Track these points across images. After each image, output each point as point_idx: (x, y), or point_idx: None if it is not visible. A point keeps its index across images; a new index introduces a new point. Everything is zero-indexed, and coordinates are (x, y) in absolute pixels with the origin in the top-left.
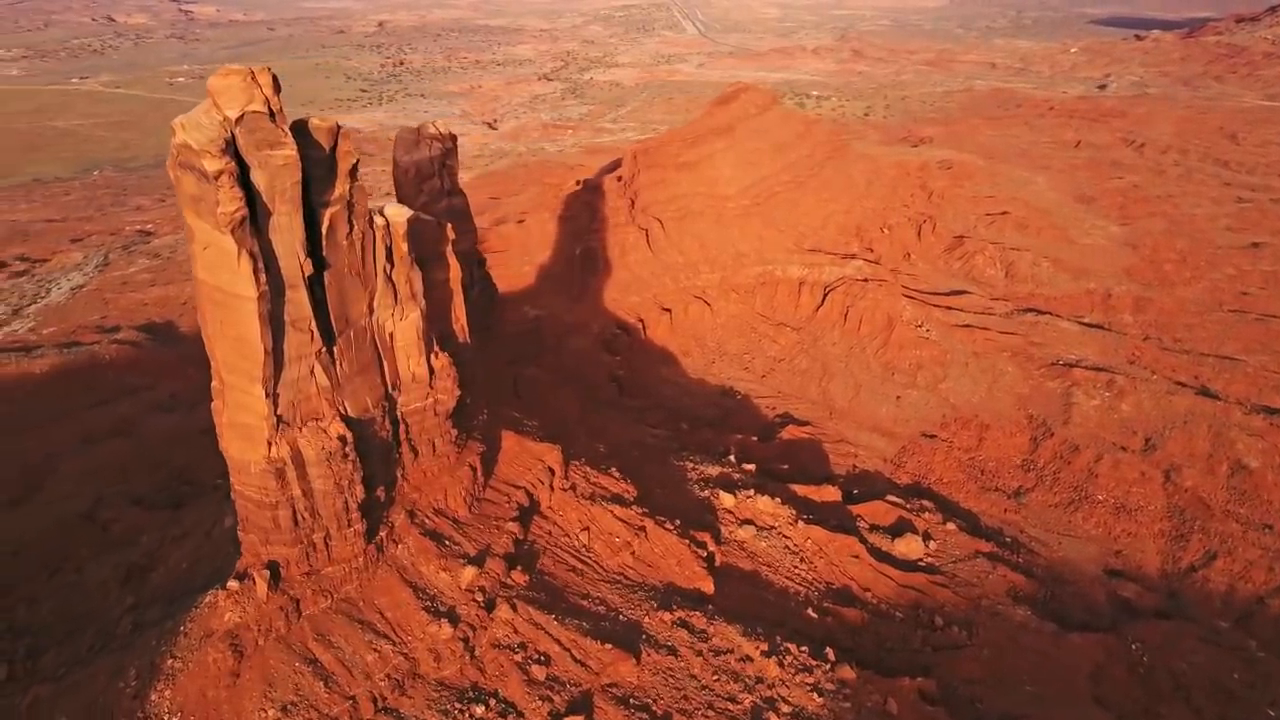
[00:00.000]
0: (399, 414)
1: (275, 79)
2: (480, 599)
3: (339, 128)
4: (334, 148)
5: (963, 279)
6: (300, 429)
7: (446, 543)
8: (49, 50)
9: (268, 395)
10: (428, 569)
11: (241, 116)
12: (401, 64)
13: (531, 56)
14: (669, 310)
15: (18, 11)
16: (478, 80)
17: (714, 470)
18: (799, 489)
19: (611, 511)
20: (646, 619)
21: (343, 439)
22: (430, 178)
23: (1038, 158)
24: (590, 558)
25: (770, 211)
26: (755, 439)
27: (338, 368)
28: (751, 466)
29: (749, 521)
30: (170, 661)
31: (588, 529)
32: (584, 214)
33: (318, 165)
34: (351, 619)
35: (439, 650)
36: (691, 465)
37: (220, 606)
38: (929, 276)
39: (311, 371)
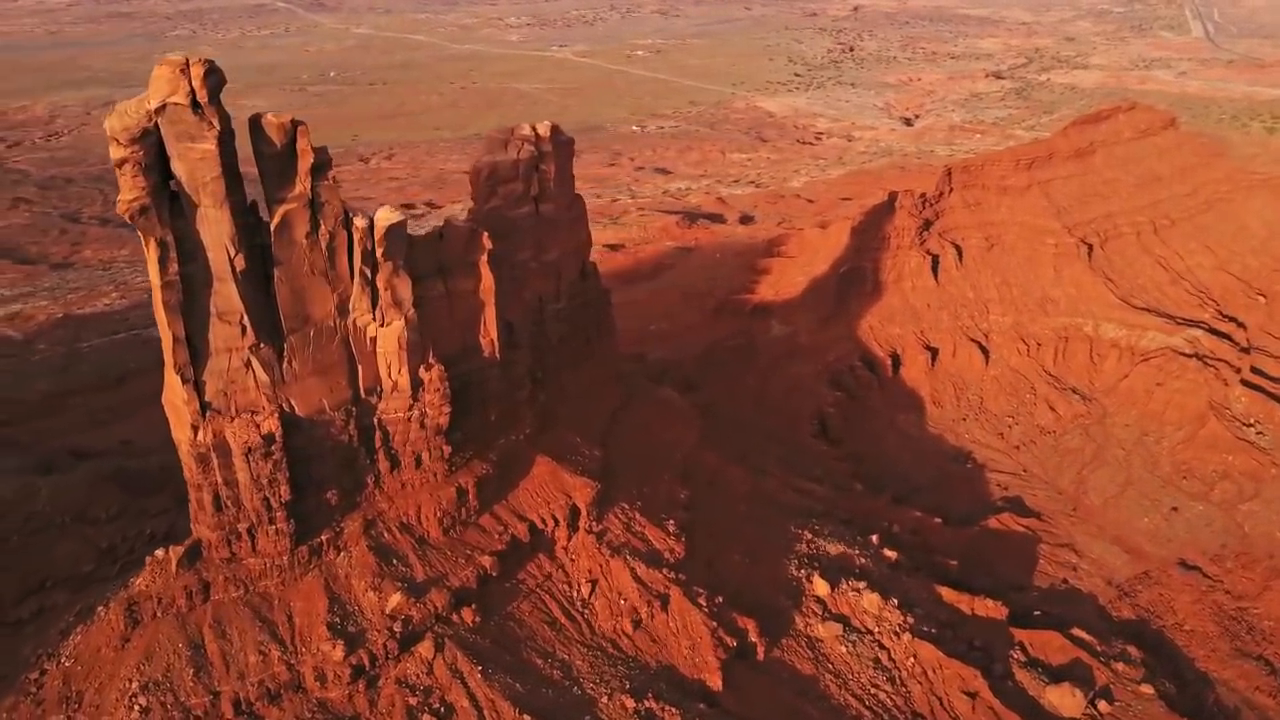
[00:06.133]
0: (377, 420)
1: (212, 72)
2: (399, 629)
3: (295, 125)
4: (290, 145)
5: None
6: (231, 419)
7: (394, 562)
8: (549, 20)
9: (185, 381)
10: (358, 584)
11: (163, 107)
12: (850, 51)
13: (994, 51)
14: (933, 350)
15: None
16: (920, 72)
17: (835, 548)
18: (950, 593)
19: (633, 569)
20: (605, 700)
21: (268, 437)
22: (510, 181)
23: None
24: (583, 615)
25: (1106, 256)
26: (939, 521)
27: (285, 365)
28: (894, 554)
29: (840, 618)
30: (100, 609)
31: (595, 582)
32: (873, 229)
33: (271, 161)
34: (257, 615)
35: (324, 670)
36: (810, 536)
37: (141, 571)
38: None
39: (248, 365)
